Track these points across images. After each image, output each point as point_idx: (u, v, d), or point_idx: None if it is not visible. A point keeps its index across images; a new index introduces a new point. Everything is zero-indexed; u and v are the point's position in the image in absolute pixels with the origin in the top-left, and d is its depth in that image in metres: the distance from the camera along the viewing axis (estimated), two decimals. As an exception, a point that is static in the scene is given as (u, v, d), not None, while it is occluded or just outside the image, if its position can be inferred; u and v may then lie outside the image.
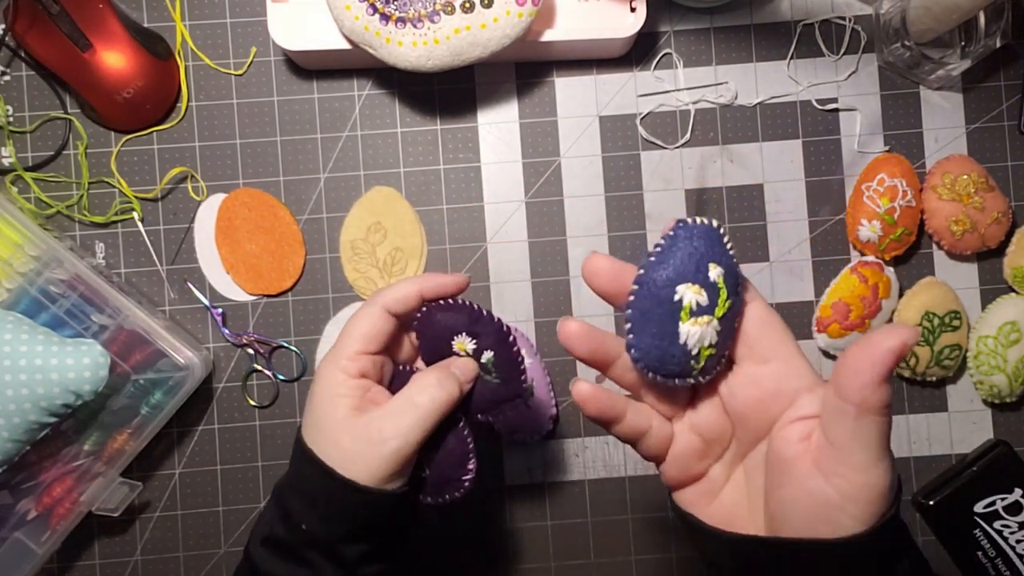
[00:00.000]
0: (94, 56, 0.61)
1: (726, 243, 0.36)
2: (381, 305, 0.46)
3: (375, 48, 0.58)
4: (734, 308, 0.36)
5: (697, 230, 0.36)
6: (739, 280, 0.36)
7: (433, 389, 0.44)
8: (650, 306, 0.35)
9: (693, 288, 0.35)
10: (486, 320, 0.47)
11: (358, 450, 0.43)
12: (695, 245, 0.35)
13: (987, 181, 0.63)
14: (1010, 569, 0.63)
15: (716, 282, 0.35)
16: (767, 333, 0.36)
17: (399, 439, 0.43)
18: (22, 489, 0.60)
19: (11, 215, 0.58)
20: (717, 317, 0.35)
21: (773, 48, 0.65)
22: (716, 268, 0.35)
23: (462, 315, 0.47)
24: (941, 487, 0.63)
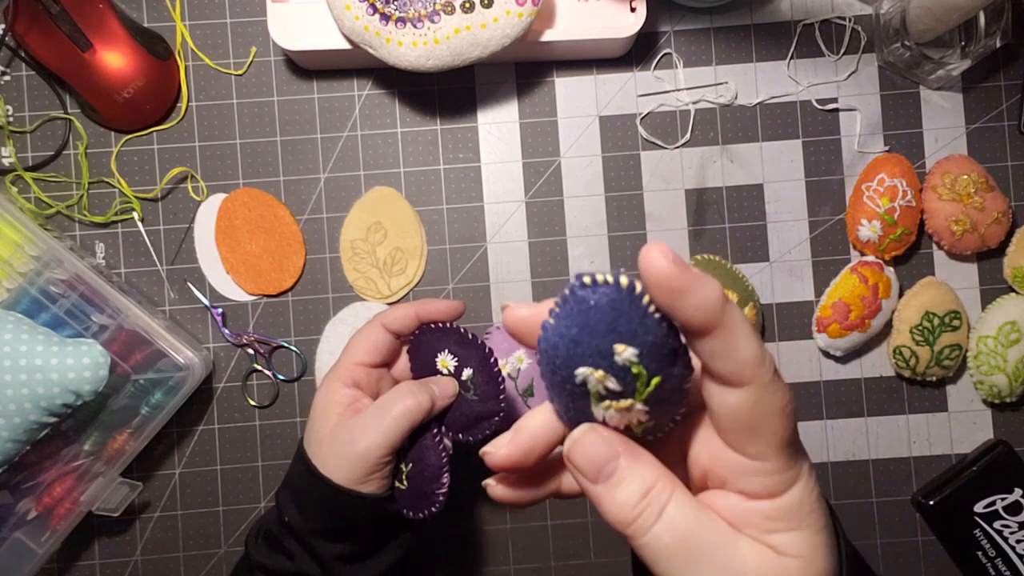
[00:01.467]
0: (94, 56, 0.61)
1: (647, 307, 0.26)
2: (379, 322, 0.51)
3: (375, 48, 0.58)
4: (670, 384, 0.27)
5: (597, 296, 0.26)
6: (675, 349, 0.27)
7: (405, 398, 0.47)
8: (554, 381, 0.28)
9: (596, 374, 0.27)
10: (469, 341, 0.50)
11: (333, 451, 0.47)
12: (593, 320, 0.26)
13: (987, 181, 0.63)
14: (1010, 569, 0.63)
15: (627, 366, 0.26)
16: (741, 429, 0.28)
17: (367, 441, 0.46)
18: (22, 489, 0.60)
19: (11, 215, 0.58)
20: (640, 400, 0.27)
21: (773, 48, 0.65)
22: (626, 349, 0.26)
23: (448, 335, 0.51)
24: (941, 487, 0.63)
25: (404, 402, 0.47)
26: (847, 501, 0.65)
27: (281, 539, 0.49)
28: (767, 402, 0.27)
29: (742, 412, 0.27)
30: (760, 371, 0.26)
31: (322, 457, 0.47)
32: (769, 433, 0.27)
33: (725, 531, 0.28)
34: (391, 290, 0.65)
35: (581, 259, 0.65)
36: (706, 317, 0.25)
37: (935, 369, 0.63)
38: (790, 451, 0.28)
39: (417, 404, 0.47)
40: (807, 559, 0.28)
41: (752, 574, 0.27)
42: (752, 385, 0.26)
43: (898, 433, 0.65)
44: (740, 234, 0.65)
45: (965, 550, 0.63)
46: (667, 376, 0.27)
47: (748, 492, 0.28)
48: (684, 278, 0.25)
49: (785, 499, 0.28)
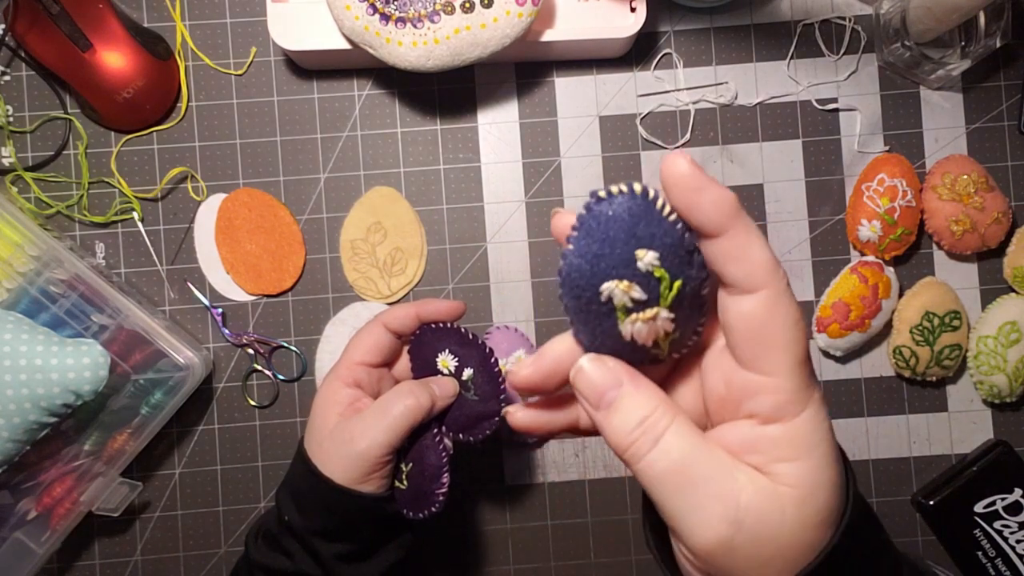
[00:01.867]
0: (94, 56, 0.61)
1: (662, 211, 0.27)
2: (380, 322, 0.51)
3: (375, 48, 0.58)
4: (690, 286, 0.28)
5: (614, 207, 0.27)
6: (691, 252, 0.28)
7: (405, 397, 0.47)
8: (579, 306, 0.28)
9: (621, 286, 0.27)
10: (470, 341, 0.50)
11: (333, 450, 0.47)
12: (611, 229, 0.27)
13: (987, 181, 0.63)
14: (1010, 569, 0.63)
15: (650, 271, 0.27)
16: (755, 340, 0.28)
17: (367, 441, 0.46)
18: (22, 489, 0.60)
19: (11, 215, 0.58)
20: (665, 307, 0.28)
21: (773, 48, 0.65)
22: (647, 253, 0.27)
23: (448, 335, 0.51)
24: (941, 487, 0.63)
25: (404, 402, 0.47)
26: (847, 501, 0.65)
27: (280, 539, 0.49)
28: (781, 310, 0.27)
29: (756, 319, 0.27)
30: (774, 276, 0.27)
31: (322, 456, 0.47)
32: (782, 345, 0.27)
33: (723, 461, 0.28)
34: (391, 290, 0.65)
35: (581, 259, 0.65)
36: (722, 214, 0.26)
37: (935, 369, 0.63)
38: (803, 371, 0.28)
39: (417, 404, 0.47)
40: (806, 492, 0.27)
41: (745, 504, 0.27)
42: (766, 291, 0.27)
43: (898, 433, 0.65)
44: (740, 234, 0.65)
45: (965, 550, 0.63)
46: (687, 279, 0.28)
47: (759, 414, 0.28)
48: (702, 177, 0.26)
49: (794, 424, 0.28)
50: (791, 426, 0.28)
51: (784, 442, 0.28)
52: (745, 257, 0.27)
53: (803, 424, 0.28)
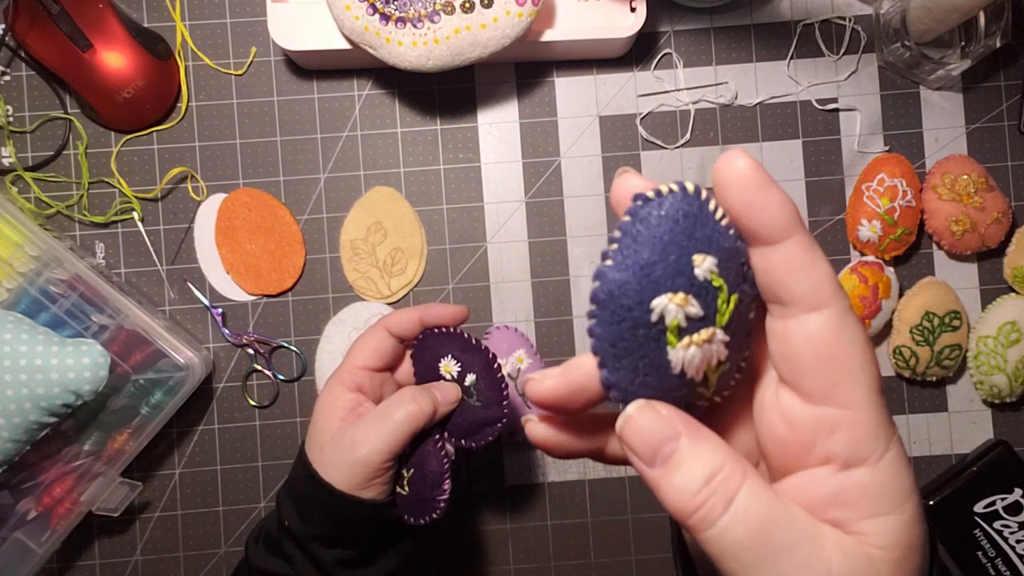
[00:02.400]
0: (94, 56, 0.61)
1: (715, 214, 0.24)
2: (383, 325, 0.50)
3: (375, 48, 0.58)
4: (744, 303, 0.25)
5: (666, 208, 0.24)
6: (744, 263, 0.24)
7: (407, 403, 0.47)
8: (620, 333, 0.24)
9: (676, 299, 0.23)
10: (473, 346, 0.50)
11: (335, 456, 0.47)
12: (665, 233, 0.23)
13: (987, 181, 0.63)
14: (1010, 569, 0.63)
15: (709, 279, 0.24)
16: (828, 365, 0.23)
17: (368, 447, 0.46)
18: (22, 489, 0.60)
19: (11, 215, 0.58)
20: (721, 326, 0.24)
21: (773, 48, 0.65)
22: (705, 259, 0.23)
23: (451, 340, 0.50)
24: (941, 487, 0.63)
25: (406, 408, 0.47)
26: (847, 501, 0.65)
27: (280, 543, 0.49)
28: (851, 329, 0.23)
29: (826, 340, 0.23)
30: (840, 290, 0.23)
31: (323, 462, 0.47)
32: (857, 369, 0.23)
33: (806, 523, 0.23)
34: (391, 290, 0.65)
35: (581, 259, 0.65)
36: (788, 217, 0.23)
37: (935, 369, 0.63)
38: (881, 401, 0.24)
39: (419, 410, 0.47)
40: (901, 554, 0.23)
41: (837, 572, 0.23)
42: (834, 307, 0.23)
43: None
44: (740, 234, 0.65)
45: (965, 550, 0.63)
46: (741, 294, 0.24)
47: (838, 456, 0.23)
48: (766, 177, 0.23)
49: (881, 468, 0.23)
50: (877, 471, 0.23)
51: (872, 491, 0.23)
52: (812, 267, 0.23)
53: (889, 468, 0.23)
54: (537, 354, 0.64)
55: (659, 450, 0.24)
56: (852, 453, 0.23)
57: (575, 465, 0.65)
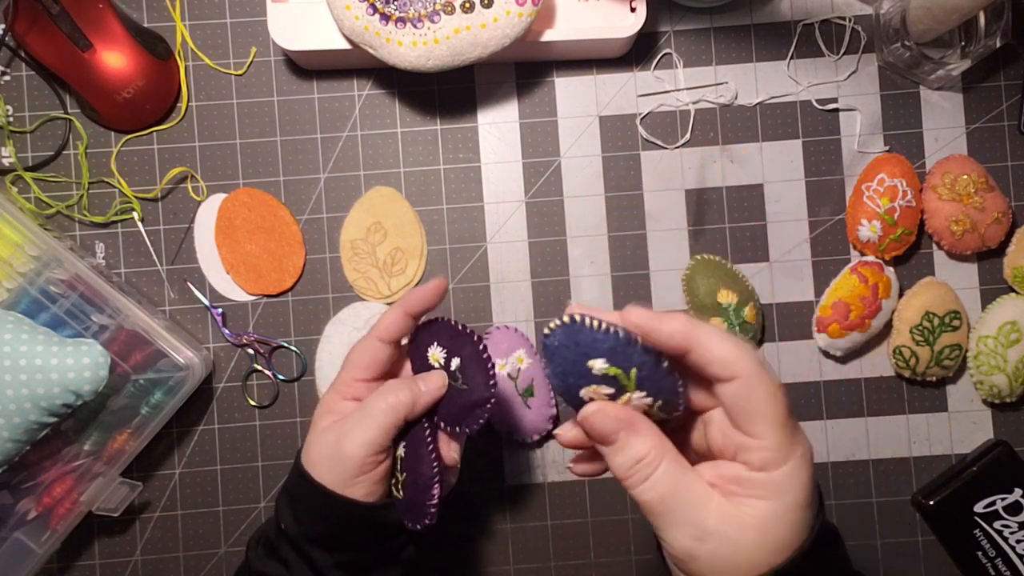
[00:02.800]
0: (94, 56, 0.61)
1: (593, 327, 0.35)
2: (374, 336, 0.49)
3: (375, 48, 0.58)
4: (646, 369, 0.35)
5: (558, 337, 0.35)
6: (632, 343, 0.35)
7: (387, 395, 0.47)
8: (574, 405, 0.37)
9: (590, 390, 0.36)
10: (459, 332, 0.49)
11: (323, 455, 0.47)
12: (563, 356, 0.35)
13: (987, 181, 0.63)
14: (1010, 569, 0.63)
15: (605, 373, 0.35)
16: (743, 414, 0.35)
17: (353, 443, 0.46)
18: (22, 489, 0.60)
19: (11, 215, 0.58)
20: (633, 391, 0.36)
21: (773, 48, 0.65)
22: (596, 361, 0.35)
23: (439, 329, 0.50)
24: (941, 487, 0.63)
25: (386, 399, 0.47)
26: (847, 501, 0.65)
27: (278, 546, 0.49)
28: (758, 389, 0.34)
29: (738, 399, 0.35)
30: (742, 363, 0.34)
31: (311, 461, 0.47)
32: (762, 415, 0.35)
33: (700, 493, 0.35)
34: (391, 290, 0.65)
35: (581, 259, 0.65)
36: (681, 338, 0.35)
37: (935, 369, 0.63)
38: (784, 431, 0.35)
39: (398, 400, 0.47)
40: (768, 525, 0.35)
41: (712, 527, 0.35)
42: (739, 378, 0.35)
43: (898, 433, 0.65)
44: (740, 234, 0.65)
45: (965, 550, 0.63)
46: (640, 365, 0.35)
47: (749, 463, 0.35)
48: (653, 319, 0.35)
49: (775, 475, 0.35)
50: (772, 476, 0.35)
51: (761, 486, 0.35)
52: (712, 361, 0.35)
53: (782, 475, 0.35)
54: (537, 354, 0.64)
55: (607, 437, 0.36)
56: (758, 464, 0.35)
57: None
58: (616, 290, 0.65)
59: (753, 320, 0.62)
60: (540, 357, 0.37)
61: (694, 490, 0.36)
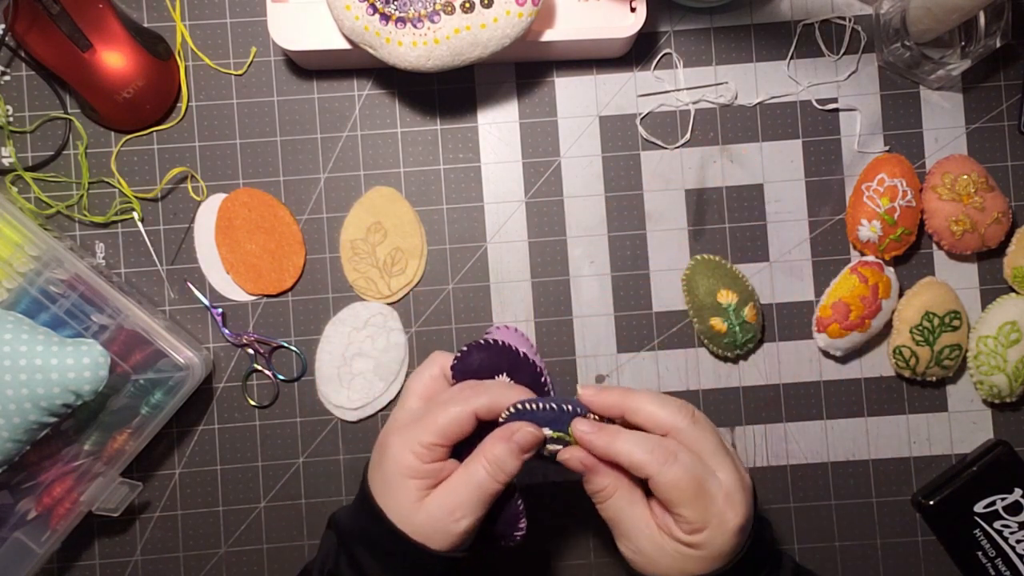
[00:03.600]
0: (94, 56, 0.61)
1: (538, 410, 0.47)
2: (473, 410, 0.47)
3: (375, 48, 0.58)
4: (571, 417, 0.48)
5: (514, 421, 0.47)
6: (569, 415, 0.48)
7: (495, 466, 0.47)
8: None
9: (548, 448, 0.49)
10: (523, 362, 0.50)
11: (433, 528, 0.47)
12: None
13: (987, 181, 0.63)
14: (1010, 569, 0.63)
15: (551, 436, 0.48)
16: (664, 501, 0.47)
17: (468, 518, 0.47)
18: (22, 489, 0.60)
19: (11, 215, 0.58)
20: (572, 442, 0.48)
21: (773, 48, 0.65)
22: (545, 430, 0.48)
23: (502, 359, 0.50)
24: (941, 487, 0.63)
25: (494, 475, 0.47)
26: (847, 501, 0.65)
27: None
28: (666, 481, 0.45)
29: (656, 488, 0.46)
30: (650, 469, 0.45)
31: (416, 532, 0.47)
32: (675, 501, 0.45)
33: (638, 521, 0.48)
34: (391, 290, 0.65)
35: (581, 259, 0.65)
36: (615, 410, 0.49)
37: (935, 369, 0.63)
38: (696, 507, 0.45)
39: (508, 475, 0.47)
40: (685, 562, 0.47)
41: (642, 548, 0.47)
42: (652, 477, 0.46)
43: (898, 433, 0.65)
44: (740, 234, 0.65)
45: (965, 550, 0.63)
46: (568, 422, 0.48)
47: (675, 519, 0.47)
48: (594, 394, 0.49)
49: (695, 538, 0.46)
50: (692, 538, 0.46)
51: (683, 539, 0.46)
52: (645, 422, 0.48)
53: (701, 538, 0.46)
54: (538, 354, 0.63)
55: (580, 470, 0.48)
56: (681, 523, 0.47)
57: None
58: (616, 290, 0.65)
59: (753, 320, 0.62)
60: None
61: (635, 518, 0.48)
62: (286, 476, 0.65)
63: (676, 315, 0.65)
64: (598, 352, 0.65)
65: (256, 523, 0.65)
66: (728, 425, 0.65)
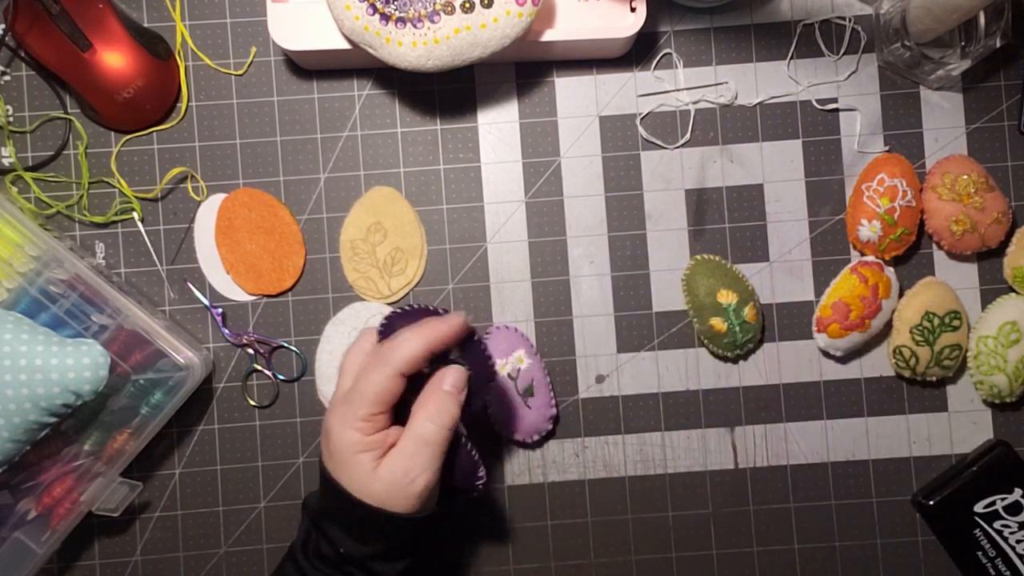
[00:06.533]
0: (94, 56, 0.61)
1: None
2: (395, 369, 0.47)
3: (375, 48, 0.58)
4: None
5: None
6: None
7: (437, 418, 0.48)
8: None
9: None
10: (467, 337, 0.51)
11: (392, 493, 0.48)
12: None
13: (987, 181, 0.63)
14: (1010, 569, 0.63)
15: None
16: None
17: (424, 474, 0.48)
18: (22, 489, 0.60)
19: (11, 215, 0.58)
20: None
21: (773, 48, 0.65)
22: None
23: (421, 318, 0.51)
24: (941, 487, 0.63)
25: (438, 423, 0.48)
26: (847, 501, 0.65)
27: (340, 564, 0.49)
28: None
29: None
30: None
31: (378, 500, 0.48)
32: None
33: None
34: (391, 290, 0.65)
35: (581, 259, 0.65)
36: None
37: (935, 369, 0.63)
38: None
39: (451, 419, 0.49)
40: None
41: None
42: None
43: (898, 433, 0.65)
44: (740, 234, 0.65)
45: (965, 550, 0.63)
46: None
47: None
48: None
49: None
50: None
51: None
52: None
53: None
54: (537, 354, 0.64)
55: None
56: None
57: (575, 465, 0.65)
58: (616, 290, 0.65)
59: (753, 320, 0.62)
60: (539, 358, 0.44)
61: None
62: (286, 476, 0.65)
63: (676, 315, 0.65)
64: (598, 352, 0.65)
65: (256, 523, 0.65)
66: (728, 425, 0.65)
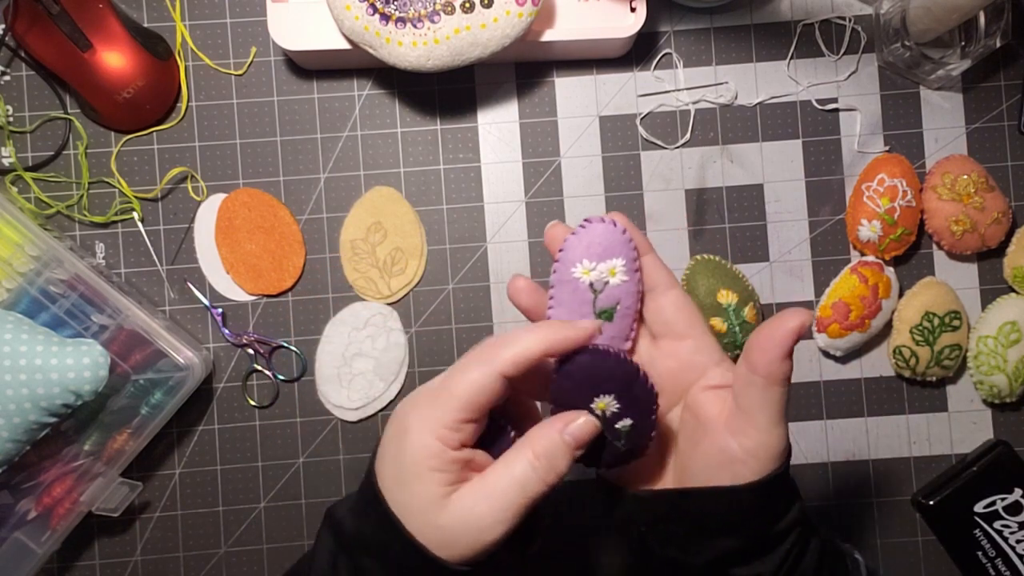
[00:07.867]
0: (94, 56, 0.61)
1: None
2: (499, 370, 0.37)
3: (375, 48, 0.58)
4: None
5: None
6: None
7: (541, 467, 0.38)
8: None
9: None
10: (640, 383, 0.39)
11: (458, 533, 0.37)
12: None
13: (987, 181, 0.63)
14: (1010, 569, 0.63)
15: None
16: (683, 314, 0.41)
17: (503, 524, 0.37)
18: (22, 489, 0.60)
19: (11, 215, 0.58)
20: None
21: (773, 48, 0.65)
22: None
23: (617, 370, 0.39)
24: (941, 487, 0.63)
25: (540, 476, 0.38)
26: (847, 501, 0.65)
27: None
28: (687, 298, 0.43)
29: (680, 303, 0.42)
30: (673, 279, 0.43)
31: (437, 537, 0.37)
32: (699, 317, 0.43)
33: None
34: (391, 290, 0.65)
35: (581, 259, 0.65)
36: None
37: (935, 369, 0.63)
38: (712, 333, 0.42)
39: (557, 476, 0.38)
40: None
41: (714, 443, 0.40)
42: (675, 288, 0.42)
43: (898, 433, 0.65)
44: (740, 234, 0.65)
45: (965, 550, 0.63)
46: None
47: None
48: None
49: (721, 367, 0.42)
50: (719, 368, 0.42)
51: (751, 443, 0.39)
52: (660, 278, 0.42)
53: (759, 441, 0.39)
54: (638, 271, 0.42)
55: None
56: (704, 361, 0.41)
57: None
58: (616, 290, 0.65)
59: (753, 320, 0.62)
60: None
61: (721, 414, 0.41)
62: (286, 476, 0.65)
63: (676, 315, 0.65)
64: (598, 352, 0.65)
65: (256, 523, 0.65)
66: (728, 425, 0.65)
